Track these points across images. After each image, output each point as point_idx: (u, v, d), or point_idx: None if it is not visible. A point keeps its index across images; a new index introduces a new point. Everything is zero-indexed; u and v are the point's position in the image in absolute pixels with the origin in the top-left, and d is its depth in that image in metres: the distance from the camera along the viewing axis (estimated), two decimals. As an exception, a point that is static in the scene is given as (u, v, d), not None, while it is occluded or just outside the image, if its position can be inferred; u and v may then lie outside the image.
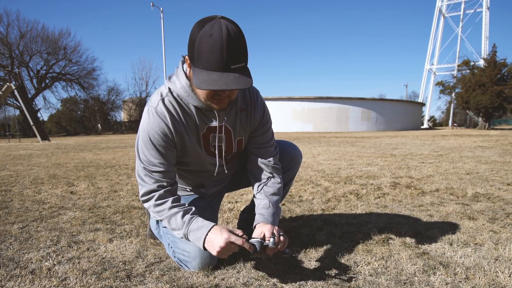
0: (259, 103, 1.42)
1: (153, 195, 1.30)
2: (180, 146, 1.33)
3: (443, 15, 48.56)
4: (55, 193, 2.98)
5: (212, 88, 1.09)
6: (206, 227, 1.24)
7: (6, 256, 1.53)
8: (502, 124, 46.76)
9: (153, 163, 1.29)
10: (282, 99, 27.77)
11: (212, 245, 1.20)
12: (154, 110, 1.28)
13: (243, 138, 1.45)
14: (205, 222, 1.26)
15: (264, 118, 1.45)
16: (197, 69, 1.12)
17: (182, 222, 1.27)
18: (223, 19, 1.08)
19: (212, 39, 1.05)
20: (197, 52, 1.10)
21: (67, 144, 12.38)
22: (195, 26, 1.11)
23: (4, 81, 24.01)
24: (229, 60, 1.07)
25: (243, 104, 1.38)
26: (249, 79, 1.11)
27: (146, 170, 1.30)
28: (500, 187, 2.97)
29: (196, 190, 1.55)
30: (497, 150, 6.75)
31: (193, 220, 1.27)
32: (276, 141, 1.62)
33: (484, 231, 1.79)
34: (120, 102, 37.41)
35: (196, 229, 1.25)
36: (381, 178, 3.55)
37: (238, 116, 1.38)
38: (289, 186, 1.71)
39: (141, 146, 1.30)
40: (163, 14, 25.14)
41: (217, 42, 1.05)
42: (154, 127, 1.27)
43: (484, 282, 1.23)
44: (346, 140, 11.64)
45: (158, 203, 1.30)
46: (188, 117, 1.31)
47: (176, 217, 1.27)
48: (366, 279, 1.27)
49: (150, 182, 1.30)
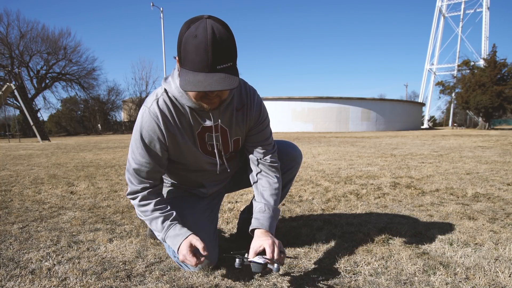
0: (256, 103, 1.42)
1: (136, 196, 1.35)
2: (173, 147, 1.34)
3: (443, 15, 48.56)
4: (55, 193, 2.98)
5: (195, 90, 1.09)
6: (182, 235, 1.29)
7: (6, 256, 1.53)
8: (502, 124, 46.77)
9: (140, 162, 1.31)
10: (282, 99, 27.77)
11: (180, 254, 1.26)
12: (147, 110, 1.29)
13: (240, 138, 1.45)
14: (182, 231, 1.30)
15: (261, 117, 1.44)
16: (184, 70, 1.12)
17: (162, 227, 1.33)
18: (210, 19, 1.08)
19: (197, 40, 1.05)
20: (183, 53, 1.10)
21: (67, 144, 12.38)
22: (182, 27, 1.11)
23: (4, 81, 24.01)
24: (214, 60, 1.06)
25: (239, 104, 1.38)
26: (235, 79, 1.10)
27: (133, 169, 1.33)
28: (500, 187, 2.97)
29: (196, 190, 1.56)
30: (497, 150, 6.75)
31: (171, 227, 1.32)
32: (275, 141, 1.61)
33: (484, 231, 1.79)
34: (120, 102, 37.43)
35: (173, 236, 1.30)
36: (381, 178, 3.55)
37: (234, 115, 1.37)
38: (289, 186, 1.71)
39: (132, 144, 1.34)
40: (163, 14, 25.18)
41: (202, 42, 1.05)
42: (146, 126, 1.29)
43: (484, 282, 1.23)
44: (346, 140, 11.64)
45: (142, 203, 1.35)
46: (183, 117, 1.32)
47: (157, 222, 1.33)
48: (366, 279, 1.27)
49: (135, 182, 1.34)
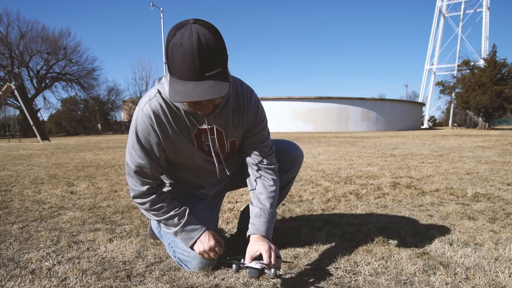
0: (253, 104, 1.38)
1: (146, 201, 1.35)
2: (170, 147, 1.33)
3: (443, 15, 48.56)
4: (55, 193, 2.98)
5: (184, 100, 1.07)
6: (198, 230, 1.37)
7: (6, 256, 1.53)
8: (502, 124, 46.75)
9: (140, 164, 1.30)
10: (282, 99, 27.78)
11: (198, 246, 1.34)
12: (141, 111, 1.27)
13: (236, 139, 1.43)
14: (198, 226, 1.38)
15: (258, 118, 1.41)
16: (173, 79, 1.10)
17: (179, 222, 1.36)
18: (196, 24, 1.04)
19: (183, 48, 1.03)
20: (170, 62, 1.08)
21: (67, 144, 12.38)
22: (169, 32, 1.09)
23: (4, 81, 23.99)
24: (202, 68, 1.04)
25: (235, 105, 1.35)
26: (225, 85, 1.08)
27: (134, 172, 1.32)
28: (500, 187, 2.97)
29: (196, 191, 1.55)
30: (497, 150, 6.75)
31: (189, 222, 1.37)
32: (276, 141, 1.60)
33: (484, 231, 1.79)
34: (120, 102, 37.41)
35: (191, 230, 1.36)
36: (381, 178, 3.55)
37: (230, 117, 1.34)
38: (290, 186, 1.70)
39: (128, 147, 1.32)
40: (163, 14, 25.19)
41: (188, 50, 1.02)
42: (140, 129, 1.27)
43: (484, 282, 1.23)
44: (346, 140, 11.64)
45: (155, 207, 1.36)
46: (178, 118, 1.29)
47: (173, 220, 1.36)
48: (366, 279, 1.27)
49: (138, 184, 1.33)
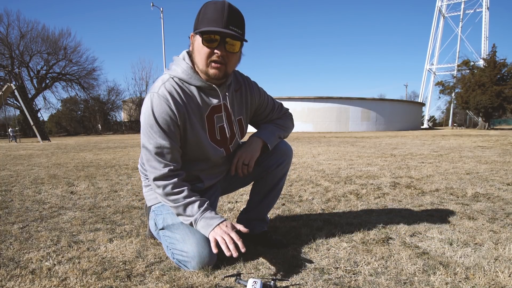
0: (252, 83, 1.58)
1: (168, 184, 1.34)
2: (183, 129, 1.37)
3: (443, 15, 48.55)
4: (55, 193, 2.98)
5: (208, 28, 1.22)
6: (219, 218, 1.35)
7: (6, 256, 1.53)
8: (502, 124, 46.75)
9: (161, 145, 1.32)
10: (282, 99, 27.71)
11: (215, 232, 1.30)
12: (156, 94, 1.32)
13: (242, 118, 1.55)
14: (218, 215, 1.37)
15: (261, 92, 1.61)
16: (199, 29, 1.25)
17: (198, 209, 1.35)
18: None
19: (216, 4, 1.25)
20: (201, 16, 1.26)
21: (67, 144, 12.38)
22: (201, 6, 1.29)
23: (4, 81, 24.01)
24: (229, 20, 1.23)
25: (237, 85, 1.52)
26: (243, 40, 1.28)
27: (155, 153, 1.33)
28: (500, 187, 2.97)
29: (192, 186, 1.55)
30: (497, 150, 6.75)
31: (207, 210, 1.37)
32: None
33: (484, 231, 1.79)
34: (120, 102, 37.44)
35: (210, 217, 1.34)
36: (381, 178, 3.55)
37: (234, 96, 1.49)
38: (282, 183, 1.71)
39: (148, 130, 1.33)
40: (163, 14, 25.19)
41: (219, 5, 1.24)
42: (157, 110, 1.31)
43: (484, 282, 1.23)
44: (346, 140, 11.63)
45: (175, 191, 1.35)
46: (191, 99, 1.37)
47: (193, 206, 1.36)
48: (366, 279, 1.27)
49: (160, 167, 1.34)
